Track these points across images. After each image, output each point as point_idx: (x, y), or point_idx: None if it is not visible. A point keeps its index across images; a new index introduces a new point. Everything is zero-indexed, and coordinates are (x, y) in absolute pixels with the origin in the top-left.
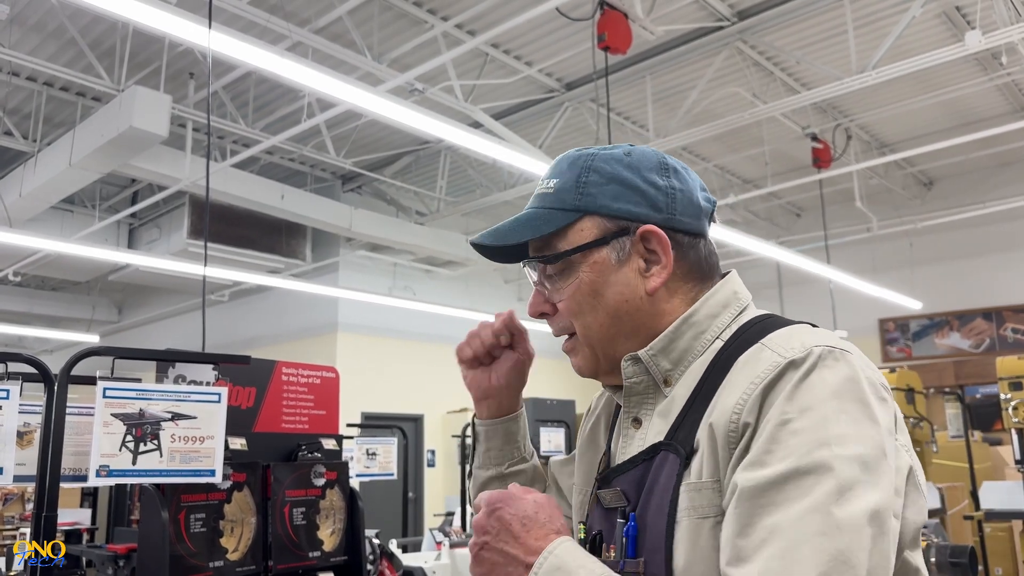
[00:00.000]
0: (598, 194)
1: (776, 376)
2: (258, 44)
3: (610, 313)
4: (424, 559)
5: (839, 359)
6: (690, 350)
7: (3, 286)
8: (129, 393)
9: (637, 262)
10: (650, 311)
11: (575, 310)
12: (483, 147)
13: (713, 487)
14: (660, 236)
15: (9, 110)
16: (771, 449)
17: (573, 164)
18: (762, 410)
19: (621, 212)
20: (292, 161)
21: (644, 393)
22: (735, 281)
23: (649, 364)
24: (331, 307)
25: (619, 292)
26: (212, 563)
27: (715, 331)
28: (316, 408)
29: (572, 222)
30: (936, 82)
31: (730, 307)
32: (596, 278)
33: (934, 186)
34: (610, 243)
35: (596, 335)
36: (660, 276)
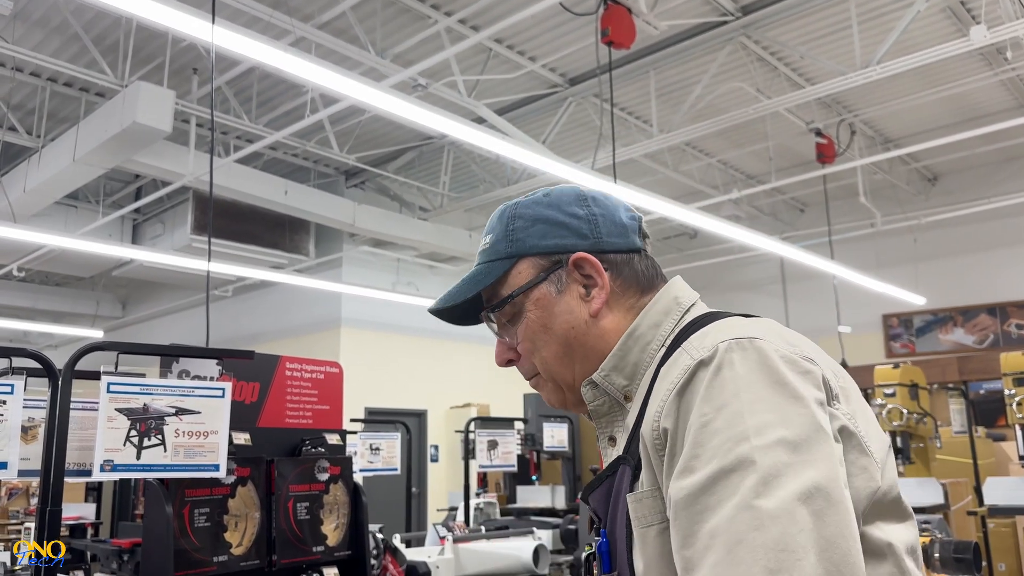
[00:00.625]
0: (526, 237)
1: (688, 378)
2: (261, 39)
3: (561, 343)
4: (428, 554)
5: (745, 348)
6: (640, 363)
7: (7, 281)
8: (133, 388)
9: (576, 289)
10: (597, 333)
11: (530, 348)
12: (486, 143)
13: (653, 495)
14: (590, 260)
15: (13, 106)
16: (696, 454)
17: (501, 217)
18: (679, 414)
19: (551, 247)
20: (295, 157)
21: (610, 413)
22: (676, 286)
23: (605, 385)
24: (334, 303)
25: (565, 321)
26: (216, 557)
27: (660, 340)
28: (320, 403)
29: (509, 268)
30: (941, 77)
31: (671, 313)
32: (542, 313)
33: (938, 181)
34: (548, 278)
35: (553, 366)
36: (600, 297)
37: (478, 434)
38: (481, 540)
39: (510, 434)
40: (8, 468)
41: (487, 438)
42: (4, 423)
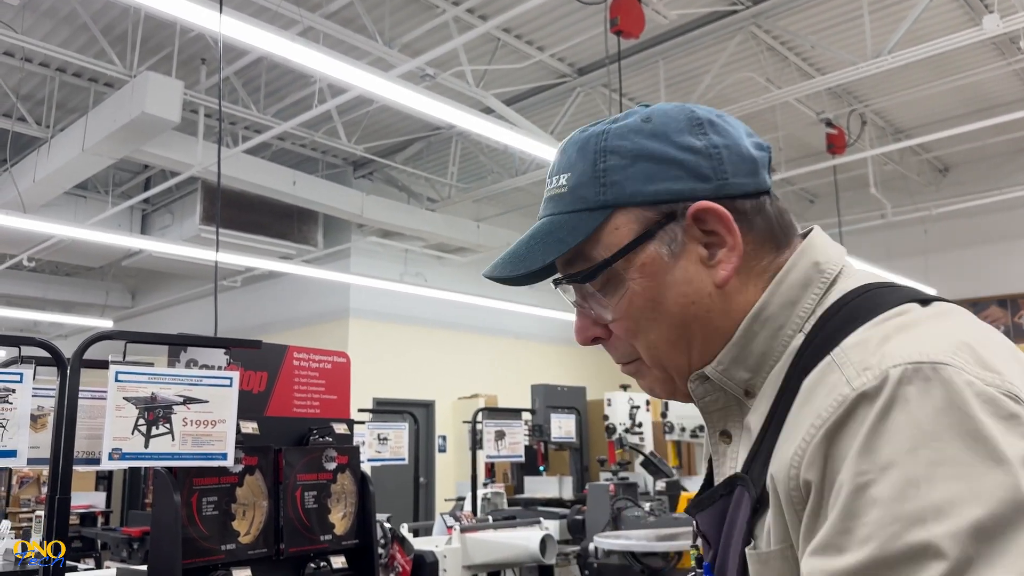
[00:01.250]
0: (624, 180)
1: (843, 416)
2: (269, 29)
3: (676, 323)
4: (435, 543)
5: (930, 379)
6: (769, 352)
7: (18, 271)
8: (141, 377)
9: (697, 251)
10: (725, 309)
11: (633, 329)
12: (494, 133)
13: (782, 556)
14: (718, 212)
15: (22, 96)
16: (848, 528)
17: (583, 149)
18: (827, 464)
19: (660, 195)
20: (304, 147)
21: (725, 408)
22: (815, 247)
23: (722, 381)
24: (343, 293)
25: (682, 294)
26: (224, 546)
27: (797, 322)
28: (327, 393)
29: (602, 223)
30: (953, 67)
31: (812, 286)
32: (650, 284)
33: (949, 172)
34: (656, 236)
35: (664, 352)
36: (729, 262)
37: (485, 424)
38: (488, 530)
39: (517, 425)
40: (18, 456)
41: (494, 428)
42: (13, 411)
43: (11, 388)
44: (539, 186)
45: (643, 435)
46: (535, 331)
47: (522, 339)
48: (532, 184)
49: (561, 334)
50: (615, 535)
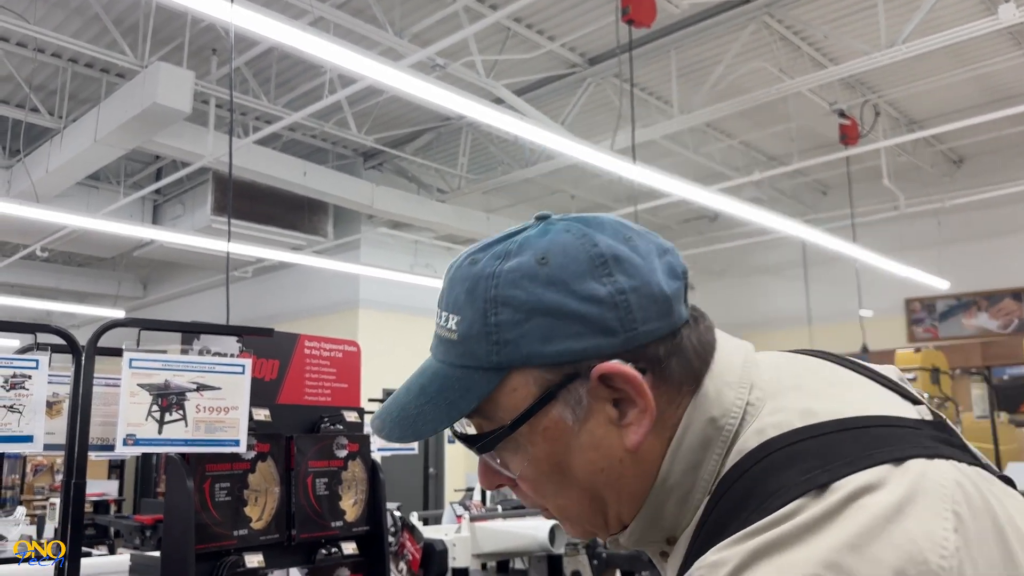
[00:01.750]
0: (519, 339)
1: None
2: (280, 19)
3: (585, 489)
4: (445, 532)
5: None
6: (681, 515)
7: (31, 262)
8: (155, 364)
9: (605, 410)
10: (638, 472)
11: (541, 491)
12: (505, 123)
13: None
14: (626, 375)
15: (35, 86)
16: None
17: (471, 293)
18: None
19: (561, 355)
20: (314, 138)
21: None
22: (711, 397)
23: (640, 547)
24: (353, 284)
25: (590, 461)
26: (236, 531)
27: (704, 485)
28: (338, 381)
29: (496, 384)
30: (968, 56)
31: (712, 446)
32: (554, 449)
33: (964, 163)
34: (559, 397)
35: (576, 515)
36: (641, 425)
37: None
38: (498, 519)
39: None
40: (34, 441)
41: None
42: (30, 397)
43: (27, 375)
44: (549, 177)
45: None
46: None
47: None
48: (542, 175)
49: None
50: None
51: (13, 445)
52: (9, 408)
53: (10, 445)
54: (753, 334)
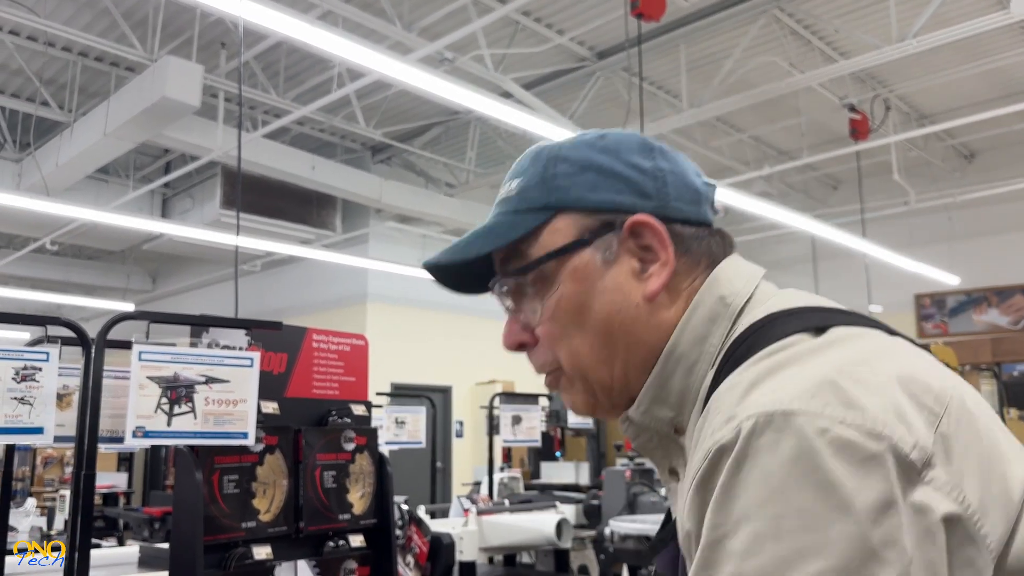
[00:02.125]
0: (570, 186)
1: (708, 469)
2: (289, 13)
3: (600, 331)
4: (452, 525)
5: (779, 430)
6: (687, 389)
7: (41, 255)
8: (164, 356)
9: (630, 263)
10: (650, 322)
11: (558, 333)
12: (513, 118)
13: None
14: (654, 226)
15: (45, 80)
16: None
17: (536, 158)
18: (697, 516)
19: (602, 203)
20: (323, 132)
21: (662, 446)
22: (720, 280)
23: (646, 423)
24: (361, 278)
25: (610, 301)
26: (245, 524)
27: (708, 358)
28: (346, 375)
29: (542, 223)
30: (979, 51)
31: (719, 320)
32: (580, 288)
33: (975, 159)
34: (592, 243)
35: (587, 362)
36: (660, 276)
37: (502, 410)
38: (505, 513)
39: (534, 410)
40: (44, 433)
41: (511, 413)
42: (40, 389)
43: (38, 367)
44: None
45: None
46: None
47: None
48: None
49: None
50: (631, 519)
51: (24, 437)
52: (20, 400)
53: (21, 437)
54: None
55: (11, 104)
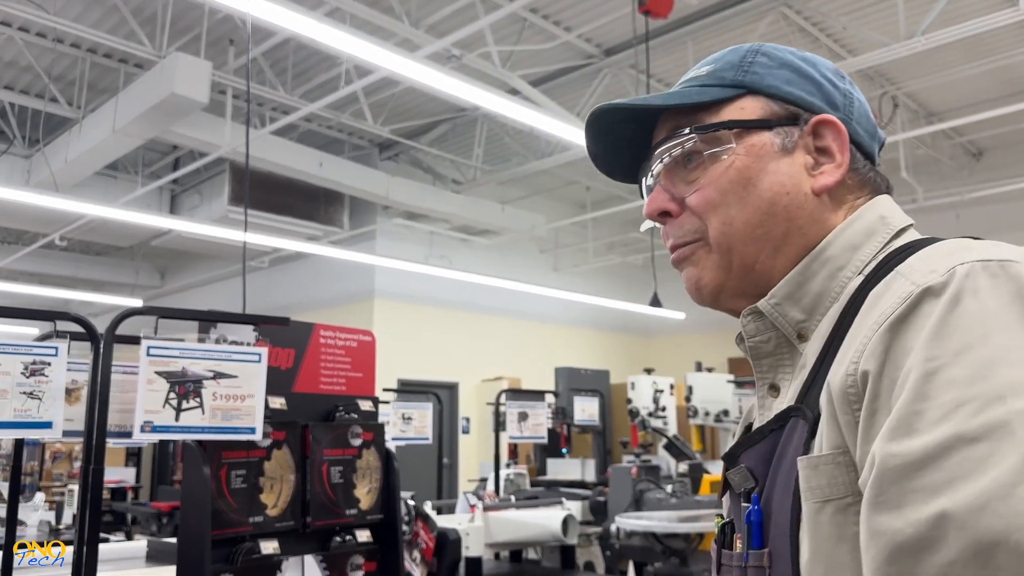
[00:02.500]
0: (766, 74)
1: (907, 309)
2: (296, 10)
3: (762, 208)
4: (458, 521)
5: (998, 274)
6: (825, 293)
7: (50, 251)
8: (172, 352)
9: (804, 157)
10: (811, 214)
11: (716, 201)
12: (520, 115)
13: (834, 462)
14: (839, 128)
15: (54, 76)
16: (920, 410)
17: (734, 51)
18: (889, 355)
19: (793, 97)
20: (330, 129)
21: (776, 353)
22: (884, 203)
23: (775, 317)
24: (368, 275)
25: (779, 183)
26: (252, 518)
27: (856, 266)
28: (353, 371)
29: (731, 98)
30: (988, 49)
31: (876, 235)
32: (753, 163)
33: (983, 156)
34: (774, 129)
35: (739, 234)
36: (832, 175)
37: (508, 406)
38: (511, 509)
39: (541, 407)
40: (53, 427)
41: (517, 410)
42: (49, 384)
43: (47, 361)
44: (565, 168)
45: (666, 419)
46: (559, 314)
47: (546, 322)
48: (558, 166)
49: (585, 317)
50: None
51: (33, 431)
52: (29, 394)
53: (30, 431)
54: None
55: (20, 100)
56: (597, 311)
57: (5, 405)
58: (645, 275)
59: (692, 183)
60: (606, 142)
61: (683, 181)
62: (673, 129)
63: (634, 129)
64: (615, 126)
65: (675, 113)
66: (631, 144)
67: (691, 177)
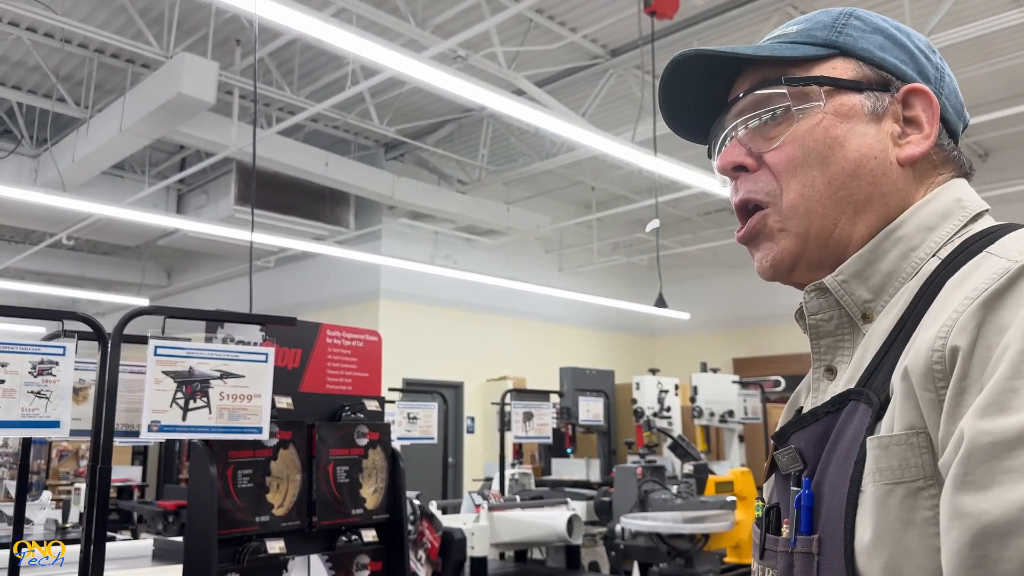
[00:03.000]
0: (859, 36)
1: (1004, 284)
2: (303, 10)
3: (846, 171)
4: (463, 520)
5: None
6: (895, 273)
7: (57, 250)
8: (180, 351)
9: (891, 125)
10: (895, 183)
11: (798, 160)
12: (526, 115)
13: (907, 443)
14: (931, 99)
15: (62, 76)
16: (1016, 387)
17: (826, 12)
18: (982, 330)
19: (886, 63)
20: (336, 129)
21: (837, 334)
22: (960, 186)
23: (841, 295)
24: (374, 274)
25: (866, 146)
26: (258, 518)
27: (930, 247)
28: (359, 370)
29: (823, 57)
30: (994, 49)
31: (952, 217)
32: (840, 124)
33: (990, 157)
34: (865, 92)
35: (820, 195)
36: (919, 146)
37: (513, 406)
38: (516, 509)
39: (545, 406)
40: (61, 427)
41: (522, 410)
42: (57, 384)
43: (54, 361)
44: (570, 169)
45: (671, 419)
46: (564, 314)
47: (551, 322)
48: (563, 167)
49: (590, 317)
50: (642, 516)
51: (41, 430)
52: (37, 394)
53: (38, 430)
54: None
55: (28, 100)
56: (602, 311)
57: (13, 404)
58: (650, 275)
59: (772, 139)
60: (683, 95)
61: (762, 137)
62: (755, 82)
63: (707, 84)
64: (691, 82)
65: (761, 68)
66: (701, 100)
67: (772, 133)
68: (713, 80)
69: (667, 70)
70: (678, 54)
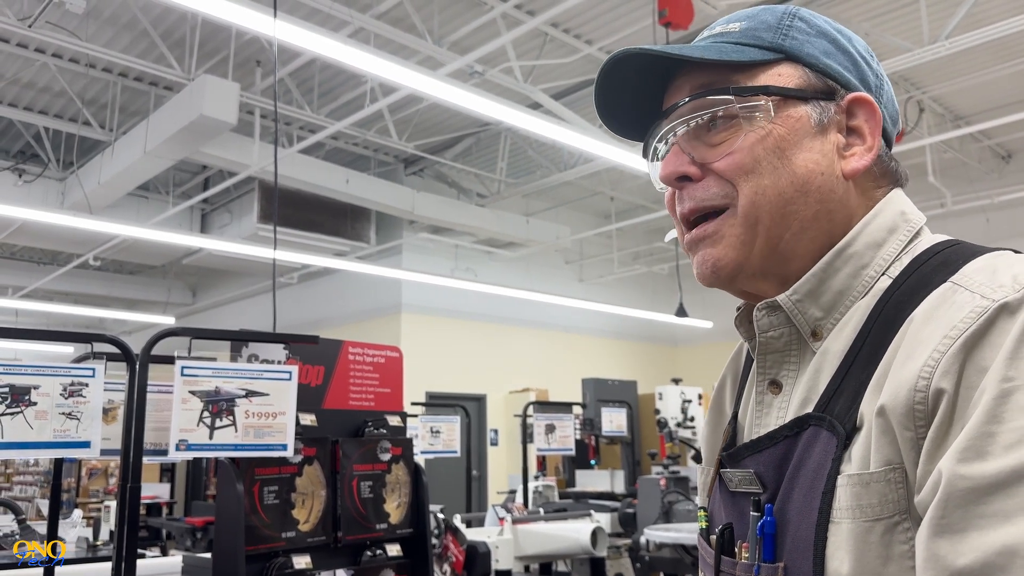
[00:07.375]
0: (805, 41)
1: (983, 325)
2: (321, 32)
3: (797, 183)
4: (487, 534)
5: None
6: (846, 292)
7: (84, 271)
8: (206, 371)
9: (835, 136)
10: (840, 199)
11: (749, 167)
12: (543, 128)
13: (885, 479)
14: (873, 108)
15: (87, 101)
16: (993, 432)
17: (768, 10)
18: (964, 373)
19: (831, 70)
20: (356, 146)
21: (785, 350)
22: (900, 198)
23: (794, 313)
24: (395, 289)
25: (813, 160)
26: (284, 533)
27: (880, 265)
28: (381, 386)
29: (768, 61)
30: (1014, 51)
31: (898, 232)
32: (791, 135)
33: (1012, 159)
34: (810, 102)
35: (770, 204)
36: (863, 159)
37: (536, 418)
38: (539, 522)
39: (568, 418)
40: (91, 447)
41: (544, 422)
42: (87, 404)
43: (84, 382)
44: (588, 180)
45: (695, 429)
46: (585, 325)
47: (572, 333)
48: (581, 178)
49: (611, 327)
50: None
51: (72, 451)
52: (68, 415)
53: (69, 451)
54: None
55: (54, 124)
56: (623, 321)
57: (45, 426)
58: (671, 284)
59: (716, 147)
60: (618, 92)
61: (705, 144)
62: (699, 86)
63: (645, 81)
64: (629, 77)
65: (703, 69)
66: (636, 97)
67: (716, 140)
68: (653, 77)
69: (605, 66)
70: (618, 51)
